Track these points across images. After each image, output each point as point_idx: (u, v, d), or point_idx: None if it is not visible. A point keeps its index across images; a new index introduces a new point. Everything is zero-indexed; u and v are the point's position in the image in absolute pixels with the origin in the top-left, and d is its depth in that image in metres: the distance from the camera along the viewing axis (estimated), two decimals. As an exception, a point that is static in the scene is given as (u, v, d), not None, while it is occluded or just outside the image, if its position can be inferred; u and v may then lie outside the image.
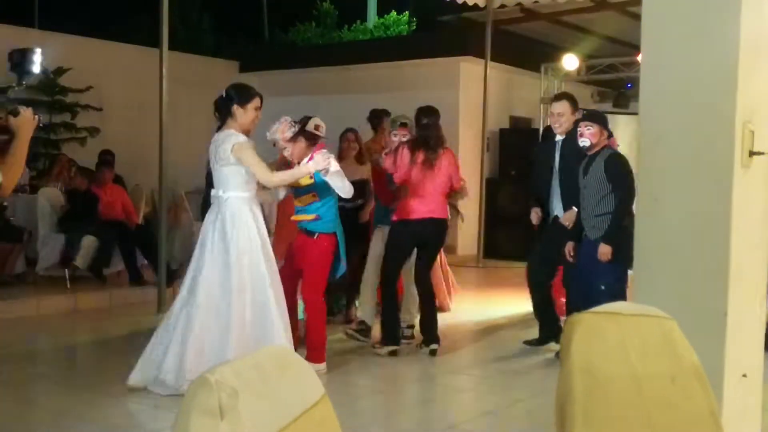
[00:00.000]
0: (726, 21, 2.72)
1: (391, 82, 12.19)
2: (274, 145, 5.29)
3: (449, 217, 6.09)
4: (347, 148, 6.62)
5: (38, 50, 3.65)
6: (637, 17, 6.39)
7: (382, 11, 20.15)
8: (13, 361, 5.67)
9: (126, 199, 8.81)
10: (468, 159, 11.67)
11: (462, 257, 11.18)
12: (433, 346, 5.85)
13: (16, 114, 3.12)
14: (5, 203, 7.56)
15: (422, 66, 12.01)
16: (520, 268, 10.91)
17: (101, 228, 8.06)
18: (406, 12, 19.57)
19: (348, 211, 5.57)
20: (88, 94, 11.06)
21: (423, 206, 5.78)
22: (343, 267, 5.39)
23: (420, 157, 5.74)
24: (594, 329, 1.65)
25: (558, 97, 6.12)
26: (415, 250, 5.97)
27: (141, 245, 8.20)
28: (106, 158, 9.10)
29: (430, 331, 5.90)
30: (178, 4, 16.93)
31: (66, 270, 7.92)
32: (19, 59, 3.66)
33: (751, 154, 2.73)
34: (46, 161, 10.60)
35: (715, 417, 1.65)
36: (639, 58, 3.12)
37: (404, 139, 5.92)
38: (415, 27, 19.45)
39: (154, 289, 7.39)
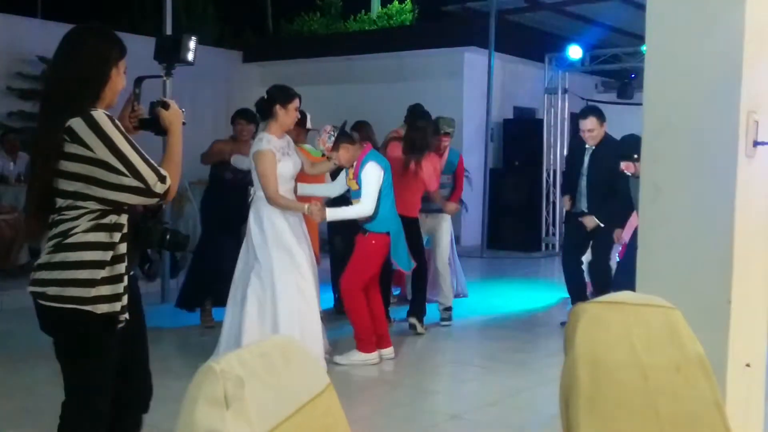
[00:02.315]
0: (730, 11, 2.71)
1: (394, 73, 12.17)
2: (323, 155, 5.32)
3: (420, 216, 6.37)
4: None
5: (193, 37, 3.36)
6: (641, 7, 6.36)
7: (385, 1, 20.09)
8: (16, 352, 5.69)
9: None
10: (472, 149, 11.67)
11: (466, 248, 11.18)
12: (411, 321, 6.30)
13: (167, 107, 2.77)
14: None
15: (426, 56, 11.98)
16: (523, 258, 10.96)
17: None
18: (409, 2, 19.51)
19: None
20: (92, 85, 11.07)
21: (400, 203, 5.84)
22: (411, 263, 5.53)
23: (400, 158, 5.97)
24: (598, 319, 1.65)
25: (585, 114, 6.29)
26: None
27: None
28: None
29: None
30: (182, -7, 16.94)
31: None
32: (172, 46, 3.34)
33: (756, 144, 2.72)
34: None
35: (720, 406, 1.65)
36: (643, 48, 3.11)
37: (444, 144, 6.53)
38: (418, 17, 19.39)
39: (155, 283, 7.39)
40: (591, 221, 6.20)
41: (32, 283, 2.55)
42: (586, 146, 6.29)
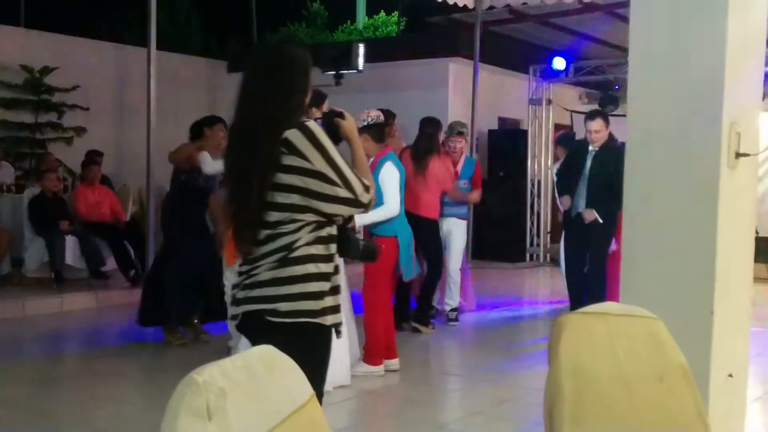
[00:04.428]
0: (713, 23, 2.74)
1: (380, 83, 12.17)
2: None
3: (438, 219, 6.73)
4: None
5: (361, 45, 3.17)
6: (625, 19, 6.43)
7: (371, 12, 20.14)
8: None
9: (114, 199, 8.76)
10: (456, 160, 11.70)
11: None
12: (415, 325, 6.59)
13: (344, 117, 2.66)
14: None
15: (411, 67, 12.01)
16: (508, 268, 10.98)
17: (83, 229, 8.04)
18: (395, 12, 19.57)
19: None
20: (75, 94, 11.00)
21: (415, 203, 6.29)
22: (410, 272, 5.49)
23: (410, 162, 6.40)
24: (582, 329, 1.65)
25: (593, 115, 6.53)
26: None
27: (131, 242, 8.18)
28: (94, 158, 9.06)
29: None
30: (167, 3, 16.91)
31: (55, 271, 7.87)
32: (341, 54, 3.16)
33: (738, 155, 2.74)
34: (32, 161, 10.54)
35: (702, 416, 1.66)
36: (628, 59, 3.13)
37: (459, 145, 6.92)
38: (404, 28, 19.45)
39: (141, 289, 7.34)
40: (590, 214, 6.32)
41: (253, 301, 2.43)
42: (590, 148, 6.42)
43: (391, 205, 5.17)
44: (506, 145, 11.98)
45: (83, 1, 17.77)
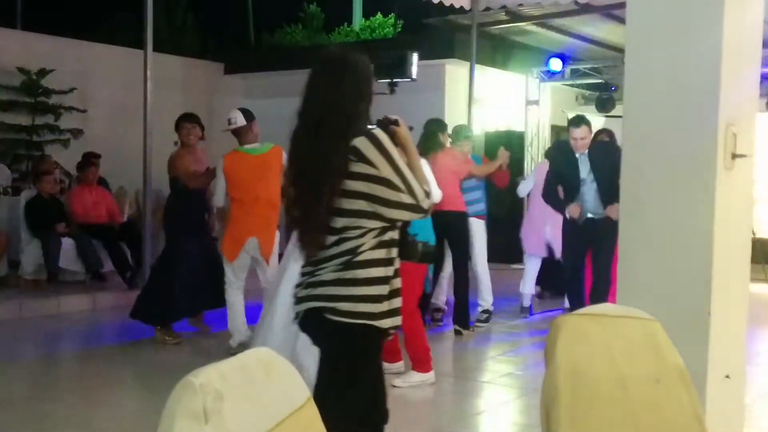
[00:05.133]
0: (709, 25, 2.74)
1: (376, 85, 12.18)
2: None
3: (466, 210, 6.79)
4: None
5: (415, 54, 3.19)
6: (621, 20, 6.43)
7: (367, 13, 20.13)
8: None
9: (110, 201, 8.76)
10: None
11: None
12: (457, 328, 6.65)
13: (399, 124, 2.69)
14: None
15: (408, 68, 12.01)
16: (504, 270, 10.98)
17: (80, 231, 8.04)
18: (392, 14, 19.57)
19: None
20: (72, 96, 10.99)
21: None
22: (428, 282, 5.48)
23: None
24: (579, 331, 1.65)
25: (578, 123, 6.36)
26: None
27: (127, 244, 8.18)
28: (91, 160, 9.05)
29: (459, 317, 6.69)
30: (163, 5, 16.90)
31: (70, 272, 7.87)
32: (395, 63, 3.17)
33: (734, 156, 2.75)
34: (29, 163, 10.52)
35: (699, 418, 1.66)
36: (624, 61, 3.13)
37: (465, 149, 7.07)
38: (400, 29, 19.45)
39: (138, 291, 7.34)
40: (617, 210, 6.09)
41: (315, 299, 2.51)
42: (577, 155, 6.30)
43: (437, 191, 5.12)
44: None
45: (80, 3, 17.75)
